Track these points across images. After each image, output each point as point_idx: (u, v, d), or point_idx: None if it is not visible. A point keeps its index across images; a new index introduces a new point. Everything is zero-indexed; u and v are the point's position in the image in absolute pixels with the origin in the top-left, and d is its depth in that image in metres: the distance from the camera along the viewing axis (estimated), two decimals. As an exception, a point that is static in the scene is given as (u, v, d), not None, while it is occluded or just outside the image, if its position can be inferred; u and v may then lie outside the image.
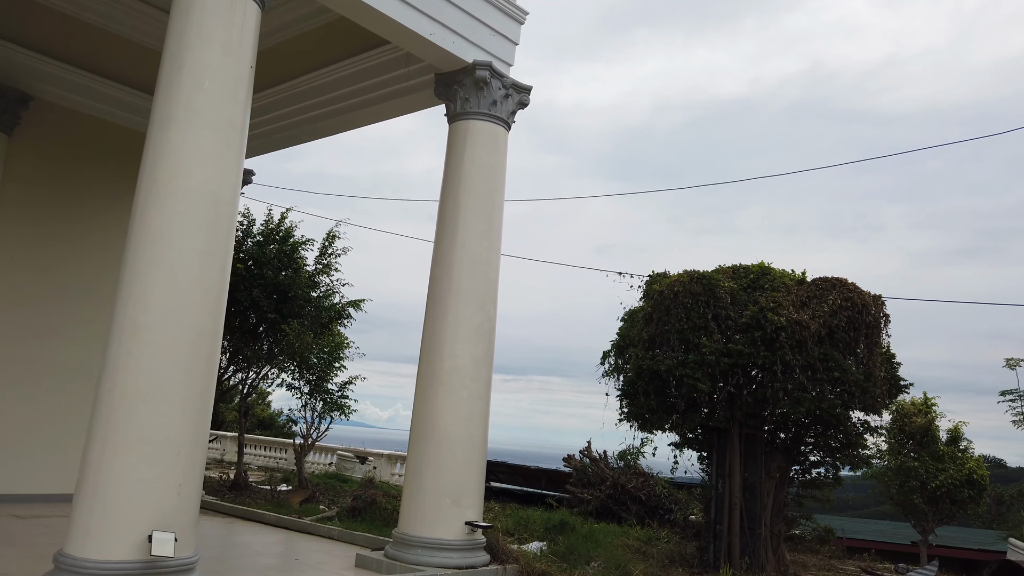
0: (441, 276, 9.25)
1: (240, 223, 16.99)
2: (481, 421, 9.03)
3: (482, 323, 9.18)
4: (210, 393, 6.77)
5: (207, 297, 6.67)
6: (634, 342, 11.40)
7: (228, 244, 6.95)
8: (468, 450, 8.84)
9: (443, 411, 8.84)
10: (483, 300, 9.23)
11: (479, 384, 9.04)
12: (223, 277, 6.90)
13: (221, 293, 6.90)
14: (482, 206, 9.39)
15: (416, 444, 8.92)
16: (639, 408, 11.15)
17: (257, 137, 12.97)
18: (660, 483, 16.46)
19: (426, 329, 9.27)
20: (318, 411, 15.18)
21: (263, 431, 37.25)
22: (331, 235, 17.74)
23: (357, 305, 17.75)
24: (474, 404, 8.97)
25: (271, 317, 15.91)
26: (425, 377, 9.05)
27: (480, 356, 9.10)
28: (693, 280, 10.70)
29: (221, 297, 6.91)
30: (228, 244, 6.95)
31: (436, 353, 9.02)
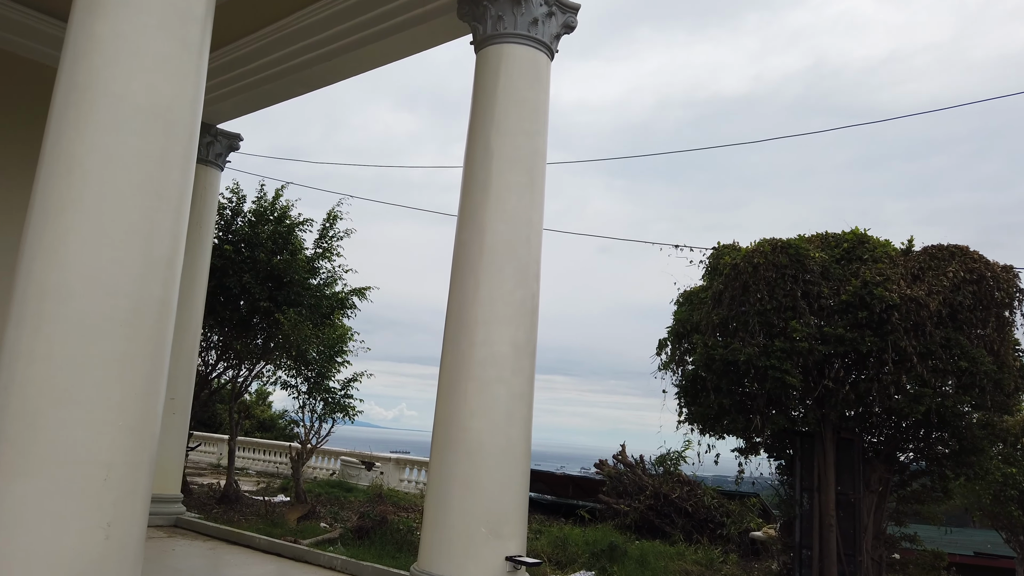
0: (470, 241, 7.26)
1: (228, 200, 15.04)
2: (523, 426, 7.04)
3: (523, 299, 7.20)
4: (158, 391, 4.80)
5: (153, 252, 4.70)
6: (698, 328, 9.40)
7: (185, 179, 4.98)
8: (508, 463, 6.86)
9: (475, 413, 6.85)
10: (524, 270, 7.25)
11: (520, 379, 7.05)
12: (177, 226, 4.92)
13: (175, 249, 4.92)
14: (521, 153, 7.40)
15: (440, 455, 6.93)
16: (707, 407, 9.14)
17: (242, 91, 11.01)
18: (709, 492, 14.45)
19: (451, 309, 7.29)
20: (318, 413, 13.21)
21: (263, 433, 35.35)
22: (332, 215, 15.78)
23: (362, 293, 15.78)
24: (514, 404, 6.99)
25: (264, 306, 13.95)
26: (451, 370, 7.07)
27: (521, 342, 7.11)
28: (776, 250, 8.69)
29: (175, 255, 4.93)
30: (185, 179, 4.98)
31: (465, 339, 7.03)
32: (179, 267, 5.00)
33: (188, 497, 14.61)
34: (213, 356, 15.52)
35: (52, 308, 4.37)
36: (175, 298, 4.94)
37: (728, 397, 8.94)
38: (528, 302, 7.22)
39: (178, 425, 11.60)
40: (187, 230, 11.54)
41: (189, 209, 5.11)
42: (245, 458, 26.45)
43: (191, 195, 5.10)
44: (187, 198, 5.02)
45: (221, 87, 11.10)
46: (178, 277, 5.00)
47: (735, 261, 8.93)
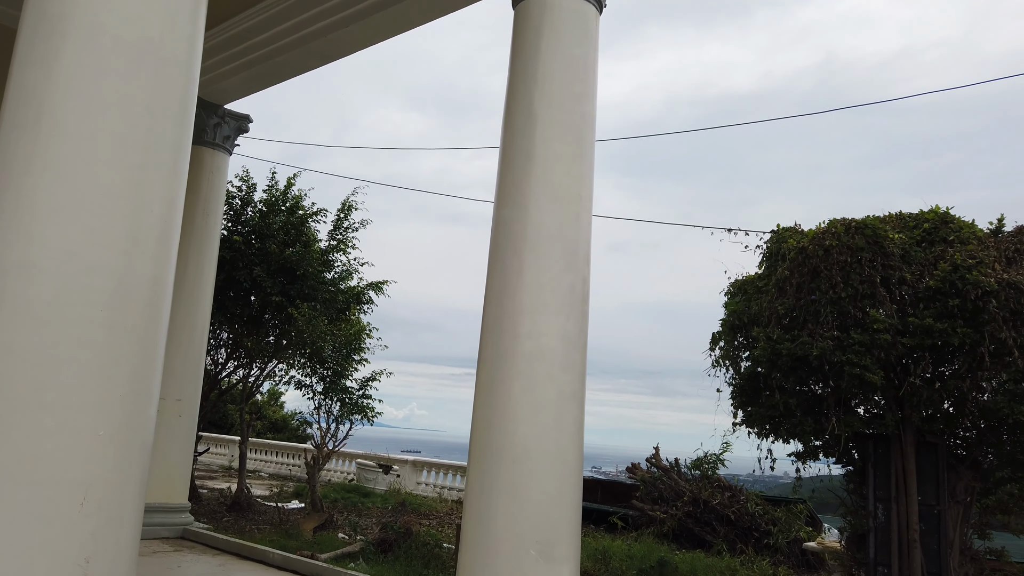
0: (511, 220, 6.34)
1: (237, 188, 14.19)
2: (575, 430, 6.12)
3: (573, 285, 6.28)
4: (150, 390, 3.93)
5: (141, 220, 3.82)
6: (757, 320, 8.44)
7: (181, 133, 4.09)
8: (559, 473, 5.94)
9: (521, 416, 5.94)
10: (573, 252, 6.33)
11: (571, 376, 6.13)
12: (172, 190, 4.04)
13: (170, 218, 4.05)
14: (569, 118, 6.48)
15: (480, 464, 6.02)
16: (769, 408, 8.18)
17: (251, 66, 10.14)
18: (752, 499, 13.49)
19: (491, 297, 6.37)
20: (335, 414, 12.34)
21: (275, 435, 34.59)
22: (347, 205, 14.90)
23: (379, 288, 14.88)
24: (565, 405, 6.07)
25: (276, 300, 13.09)
26: (492, 367, 6.16)
27: (572, 334, 6.19)
28: (851, 230, 7.72)
29: (170, 225, 4.05)
30: (181, 133, 4.09)
31: (508, 331, 6.12)
32: (175, 240, 4.12)
33: (197, 503, 13.79)
34: (223, 355, 14.69)
35: (13, 288, 3.49)
36: (170, 278, 4.05)
37: (794, 396, 7.99)
38: (578, 288, 6.30)
39: (185, 428, 10.75)
40: (194, 218, 10.70)
41: (187, 170, 4.23)
42: (257, 460, 25.69)
43: (189, 151, 4.21)
44: (183, 156, 4.14)
45: (228, 62, 10.24)
46: (174, 253, 4.12)
47: (801, 244, 7.98)
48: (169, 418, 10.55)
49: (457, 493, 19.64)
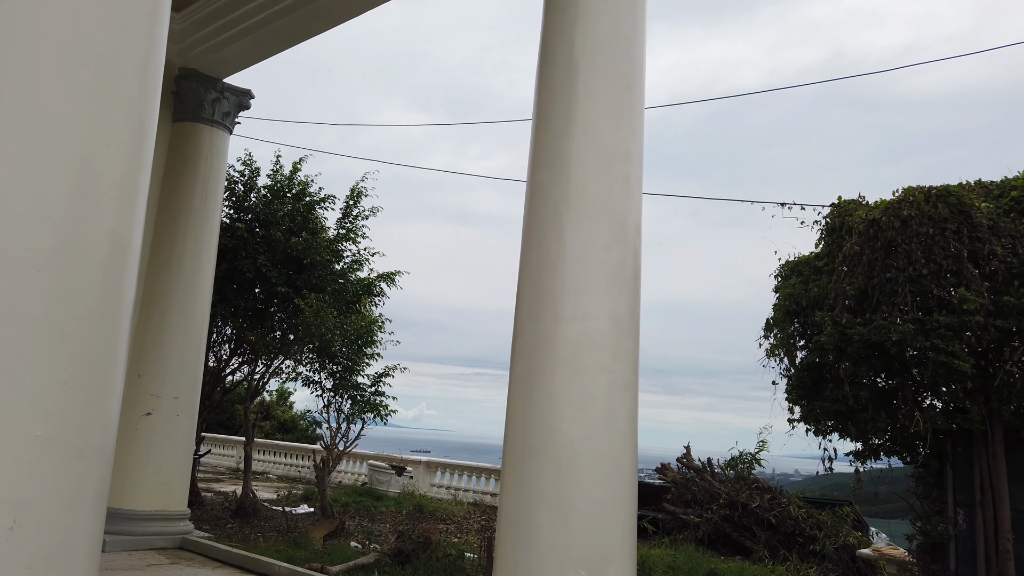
0: (549, 185, 5.44)
1: (240, 173, 13.33)
2: (628, 429, 5.21)
3: (623, 260, 5.37)
4: (111, 380, 3.04)
5: (94, 162, 2.93)
6: (819, 303, 7.51)
7: (151, 52, 3.21)
8: (611, 479, 5.04)
9: (566, 412, 5.04)
10: (622, 220, 5.42)
11: (623, 365, 5.22)
12: (140, 128, 3.15)
13: (136, 161, 3.16)
14: (616, 64, 5.57)
15: (517, 469, 5.12)
16: (836, 402, 7.24)
17: (250, 32, 9.27)
18: (794, 501, 12.54)
19: (526, 275, 5.47)
20: (345, 413, 11.47)
21: (284, 435, 33.81)
22: (356, 191, 14.02)
23: (391, 279, 13.99)
24: (617, 399, 5.16)
25: (282, 291, 12.22)
26: (529, 356, 5.25)
27: (623, 315, 5.29)
28: (932, 199, 6.78)
29: (136, 169, 3.16)
30: (151, 52, 3.21)
31: (548, 313, 5.21)
32: (143, 188, 3.23)
33: (200, 509, 12.95)
34: (227, 351, 13.85)
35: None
36: (136, 235, 3.17)
37: (865, 389, 7.06)
38: (629, 263, 5.39)
39: (183, 428, 9.90)
40: (192, 201, 9.83)
41: (157, 104, 3.34)
42: (265, 461, 24.91)
43: (161, 75, 3.32)
44: (154, 82, 3.26)
45: (225, 29, 9.38)
46: (142, 204, 3.23)
47: (872, 216, 7.04)
48: (166, 418, 9.71)
49: (473, 495, 18.77)
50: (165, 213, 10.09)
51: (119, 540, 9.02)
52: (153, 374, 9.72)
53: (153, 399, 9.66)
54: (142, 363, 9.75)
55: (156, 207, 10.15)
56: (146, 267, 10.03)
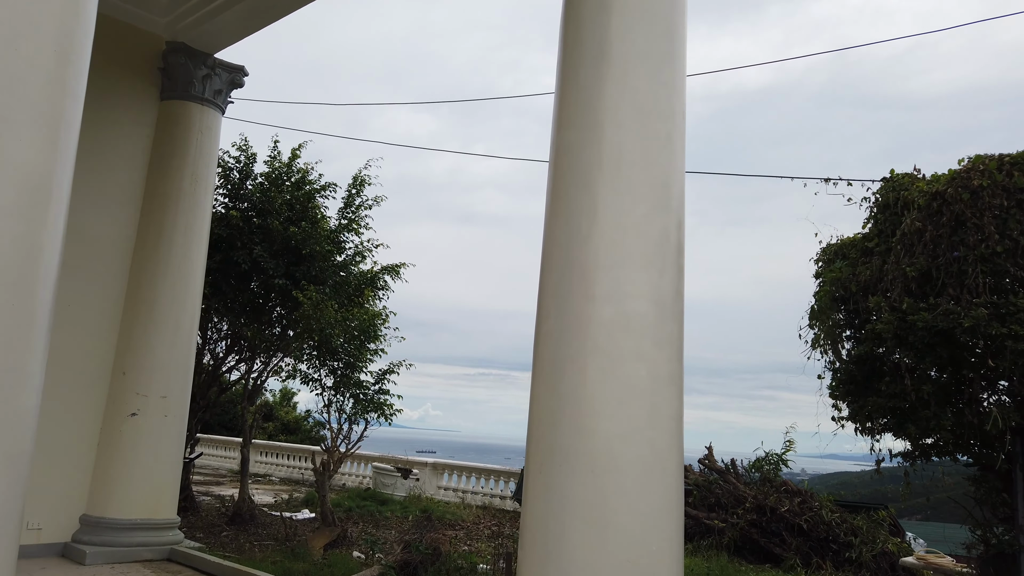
0: (578, 145, 4.68)
1: (235, 159, 12.61)
2: (674, 427, 4.45)
3: (666, 230, 4.61)
4: (28, 368, 2.29)
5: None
6: (871, 288, 6.75)
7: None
8: (657, 488, 4.27)
9: (601, 408, 4.28)
10: (664, 185, 4.66)
11: (668, 352, 4.47)
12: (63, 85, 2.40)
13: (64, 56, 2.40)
14: (655, 6, 4.81)
15: (544, 474, 4.36)
16: (893, 398, 6.48)
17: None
18: (826, 505, 11.76)
19: (552, 249, 4.72)
20: (347, 413, 10.73)
21: (288, 436, 33.13)
22: (359, 179, 13.30)
23: (396, 271, 13.25)
24: (662, 393, 4.41)
25: (280, 284, 11.50)
26: (556, 342, 4.50)
27: (667, 295, 4.53)
28: (1005, 168, 6.02)
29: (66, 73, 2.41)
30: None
31: (578, 292, 4.46)
32: (71, 106, 2.47)
33: (194, 515, 12.24)
34: (223, 348, 13.14)
35: None
36: (67, 170, 2.41)
37: (929, 382, 6.30)
38: (672, 235, 4.63)
39: (172, 430, 9.16)
40: (180, 186, 9.11)
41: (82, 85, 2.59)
42: (268, 463, 24.24)
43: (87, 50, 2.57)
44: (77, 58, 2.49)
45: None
46: (70, 127, 2.47)
47: (936, 189, 6.27)
48: (153, 418, 8.97)
49: (482, 498, 18.03)
50: (152, 198, 9.37)
51: (101, 552, 8.30)
52: (139, 371, 8.99)
53: (139, 398, 8.93)
54: (127, 359, 9.03)
55: (142, 192, 9.44)
56: (131, 256, 9.31)
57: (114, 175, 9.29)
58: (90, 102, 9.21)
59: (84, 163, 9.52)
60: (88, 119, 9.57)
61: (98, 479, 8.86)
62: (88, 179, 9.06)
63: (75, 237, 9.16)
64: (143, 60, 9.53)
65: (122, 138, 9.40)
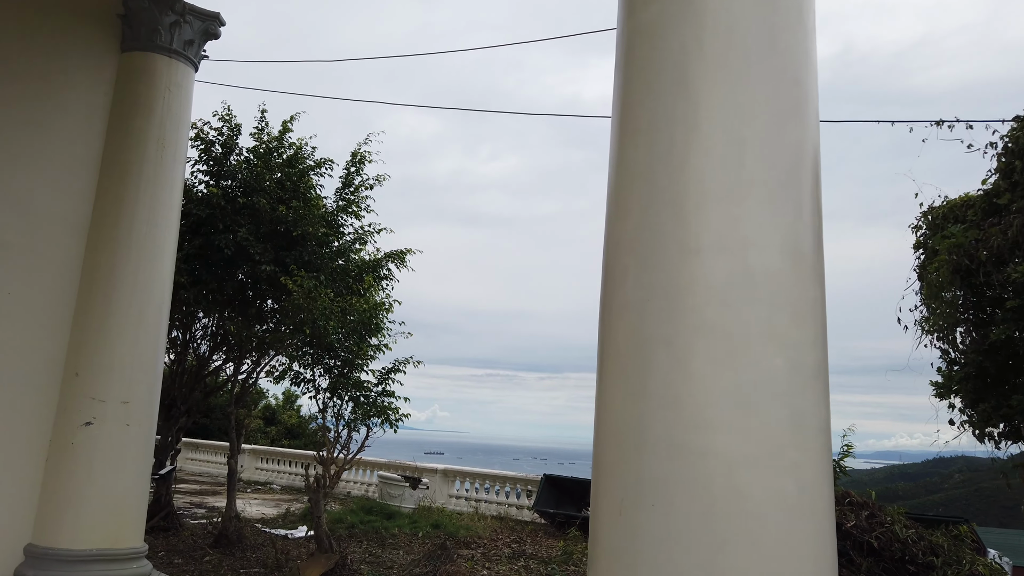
0: (666, 19, 3.16)
1: (217, 130, 11.12)
2: (823, 444, 2.92)
3: (801, 145, 3.09)
4: None
5: None
6: (1008, 253, 5.22)
7: None
8: (805, 542, 2.74)
9: (713, 414, 2.76)
10: (796, 84, 3.13)
11: (811, 328, 2.94)
12: None
13: None
14: None
15: (628, 517, 2.83)
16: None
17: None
18: (899, 519, 10.19)
19: (622, 179, 3.20)
20: (346, 418, 9.24)
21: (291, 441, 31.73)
22: (358, 156, 11.81)
23: (401, 258, 11.75)
24: (805, 390, 2.87)
25: (268, 270, 10.02)
26: (638, 318, 2.96)
27: (806, 243, 3.01)
28: None
29: None
30: None
31: (673, 239, 2.93)
32: None
33: (175, 536, 10.78)
34: (206, 346, 11.67)
35: None
36: None
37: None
38: (809, 153, 3.12)
39: (136, 441, 7.67)
40: (144, 151, 7.60)
41: None
42: (268, 471, 22.85)
43: None
44: None
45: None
46: None
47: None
48: (112, 428, 7.49)
49: (497, 507, 16.56)
50: (111, 167, 7.90)
51: (46, 591, 6.84)
52: (95, 372, 7.51)
53: (95, 404, 7.44)
54: (80, 358, 7.55)
55: (100, 159, 7.98)
56: (86, 235, 7.85)
57: (65, 139, 7.83)
58: (36, 53, 7.72)
59: (27, 124, 8.10)
60: (34, 73, 8.14)
61: (46, 501, 7.36)
62: (32, 143, 7.63)
63: (15, 210, 7.73)
64: (99, 2, 8.07)
65: (75, 96, 7.94)
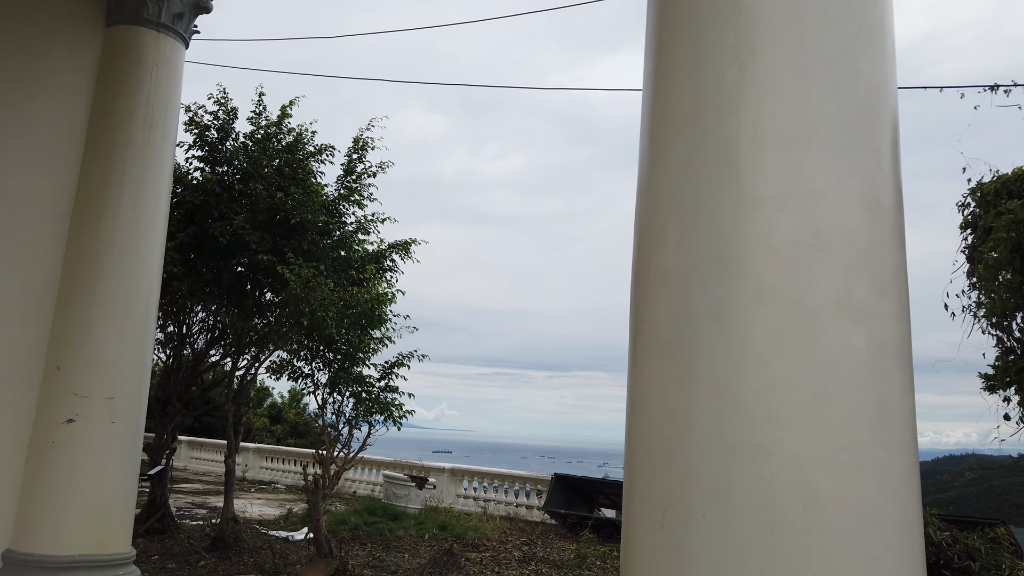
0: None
1: (212, 114, 10.62)
2: (910, 441, 2.38)
3: (877, 81, 2.54)
4: None
5: None
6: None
7: None
8: (892, 564, 2.20)
9: (779, 404, 2.22)
10: (871, 3, 2.59)
11: (894, 300, 2.41)
12: None
13: None
14: None
15: (670, 538, 2.30)
16: None
17: None
18: (932, 521, 9.62)
19: (660, 125, 2.67)
20: (346, 415, 8.74)
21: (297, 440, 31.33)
22: (360, 142, 11.31)
23: (406, 248, 11.23)
24: (890, 376, 2.35)
25: (265, 259, 9.52)
26: (682, 285, 2.44)
27: (886, 197, 2.47)
28: None
29: None
30: None
31: (724, 190, 2.40)
32: None
33: (171, 539, 10.33)
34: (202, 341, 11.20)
35: None
36: None
37: None
38: (887, 88, 2.58)
39: (122, 440, 7.19)
40: (130, 132, 7.05)
41: None
42: (273, 470, 22.46)
43: None
44: None
45: None
46: None
47: None
48: (96, 425, 7.01)
49: (505, 507, 16.07)
50: (96, 148, 7.42)
51: (25, 601, 6.37)
52: (78, 366, 7.03)
53: (78, 400, 6.97)
54: (62, 352, 7.07)
55: (83, 140, 7.50)
56: (69, 220, 7.38)
57: (46, 118, 7.35)
58: (14, 26, 7.21)
59: (5, 103, 7.61)
60: (12, 48, 7.65)
61: (25, 505, 6.89)
62: (10, 122, 7.16)
63: (-9, 194, 7.34)
64: (81, -27, 7.59)
65: (56, 73, 7.46)
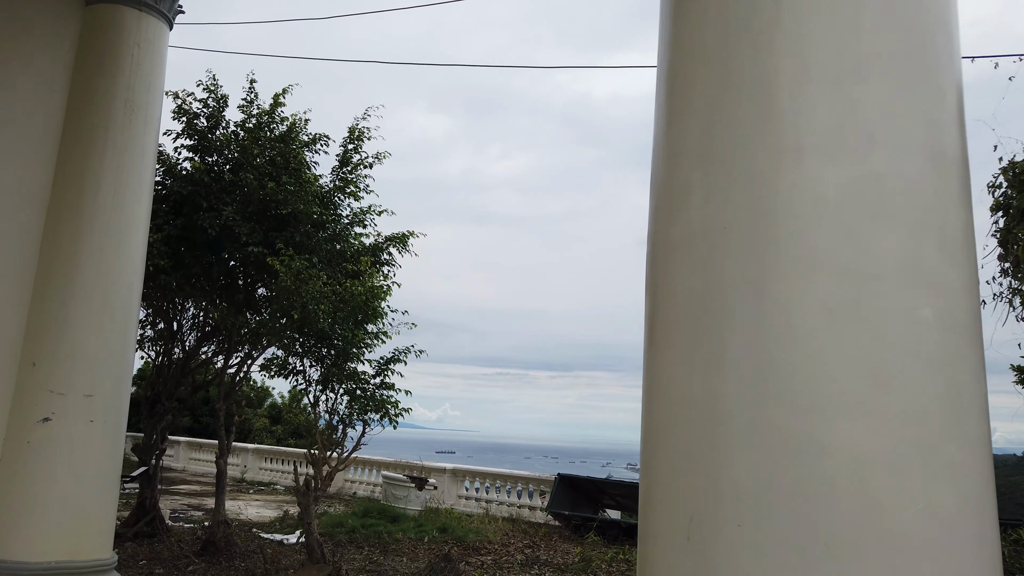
0: None
1: (202, 102, 10.23)
2: (984, 434, 1.98)
3: (939, 11, 2.14)
4: None
5: None
6: None
7: None
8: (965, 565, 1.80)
9: (830, 390, 1.82)
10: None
11: (964, 268, 2.00)
12: None
13: None
14: None
15: (698, 555, 1.90)
16: None
17: None
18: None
19: (684, 63, 2.26)
20: (340, 414, 8.34)
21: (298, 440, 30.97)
22: (356, 132, 10.91)
23: (403, 242, 10.82)
24: (962, 357, 1.94)
25: (255, 252, 9.13)
26: (710, 250, 2.04)
27: (950, 143, 2.07)
28: None
29: None
30: None
31: (760, 133, 2.00)
32: None
33: (161, 543, 9.94)
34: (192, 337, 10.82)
35: None
36: None
37: None
38: (950, 15, 2.18)
39: (101, 440, 6.81)
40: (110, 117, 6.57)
41: None
42: (272, 471, 22.08)
43: None
44: None
45: None
46: None
47: None
48: (74, 425, 6.63)
49: (508, 508, 15.67)
50: (74, 132, 7.04)
51: (-5, 611, 5.99)
52: (55, 362, 6.65)
53: (54, 398, 6.58)
54: (38, 346, 6.68)
55: (61, 124, 7.12)
56: (46, 209, 7.00)
57: (22, 101, 6.97)
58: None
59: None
60: (-14, 28, 7.34)
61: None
62: (-17, 105, 6.79)
63: (-39, 180, 6.96)
64: (58, -51, 7.22)
65: (33, 54, 7.09)
